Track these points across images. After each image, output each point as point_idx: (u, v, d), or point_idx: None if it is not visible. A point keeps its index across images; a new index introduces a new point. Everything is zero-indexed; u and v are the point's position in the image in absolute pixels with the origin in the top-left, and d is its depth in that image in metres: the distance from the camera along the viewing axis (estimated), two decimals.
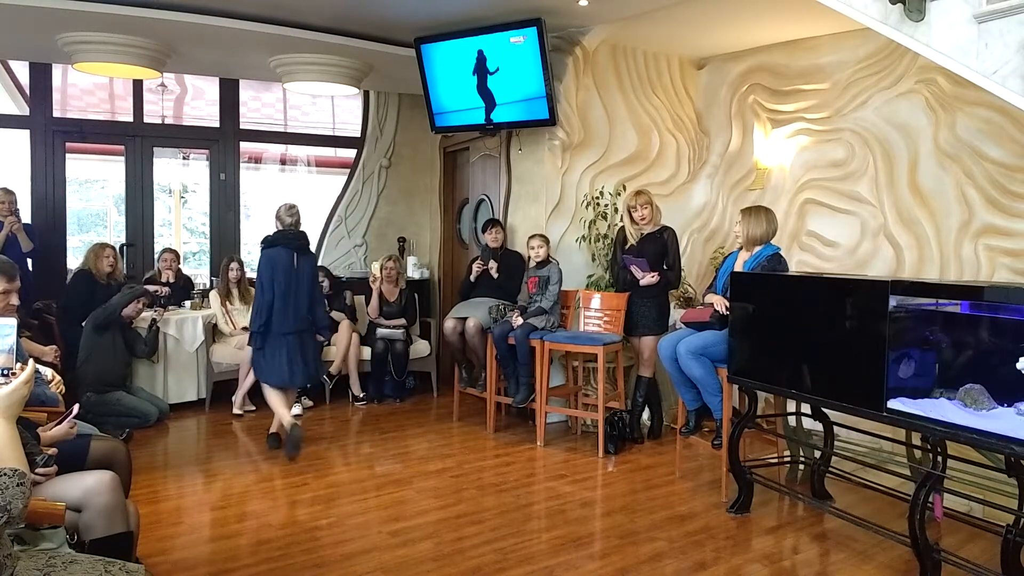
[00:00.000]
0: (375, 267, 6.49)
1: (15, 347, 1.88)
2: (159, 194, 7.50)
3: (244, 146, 7.44)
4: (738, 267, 4.36)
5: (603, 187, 5.87)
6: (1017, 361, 2.55)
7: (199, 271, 7.51)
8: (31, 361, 1.88)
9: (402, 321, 6.44)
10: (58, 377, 3.12)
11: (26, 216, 6.26)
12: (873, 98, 5.32)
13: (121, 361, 5.42)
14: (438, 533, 3.58)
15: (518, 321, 5.14)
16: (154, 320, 5.58)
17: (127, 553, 2.41)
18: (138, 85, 6.90)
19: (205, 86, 7.48)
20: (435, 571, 3.19)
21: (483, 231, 5.85)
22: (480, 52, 5.49)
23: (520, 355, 5.12)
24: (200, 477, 4.45)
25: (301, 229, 4.90)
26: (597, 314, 5.31)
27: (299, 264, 4.77)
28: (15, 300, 2.81)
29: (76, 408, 2.74)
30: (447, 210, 7.42)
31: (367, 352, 6.27)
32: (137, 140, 6.94)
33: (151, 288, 5.46)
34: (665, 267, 5.14)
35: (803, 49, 5.73)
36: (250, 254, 7.91)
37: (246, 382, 5.80)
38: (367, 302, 6.48)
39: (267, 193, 8.36)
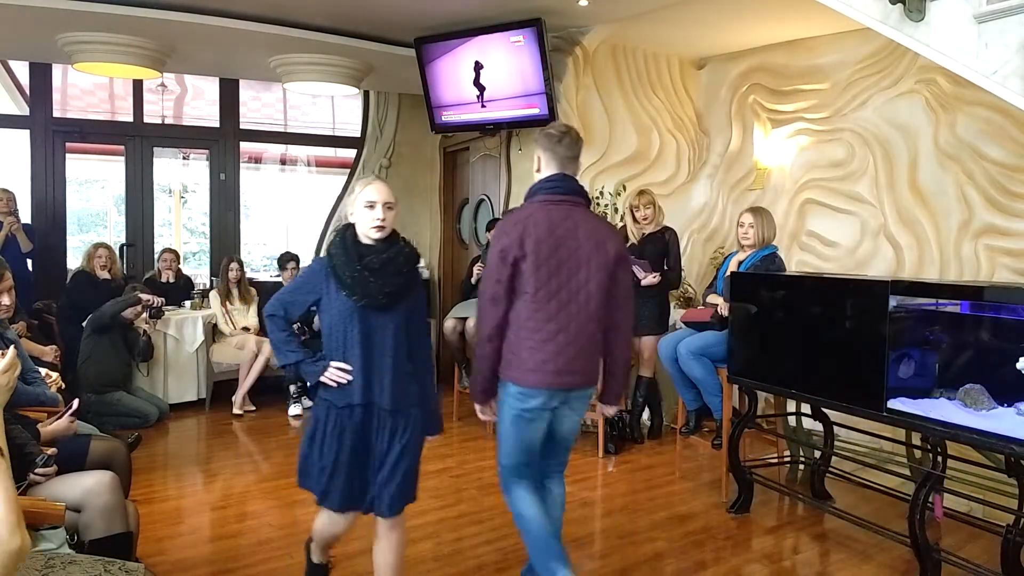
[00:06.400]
0: None
1: None
2: (159, 194, 7.50)
3: (244, 146, 7.43)
4: (733, 268, 4.37)
5: (603, 187, 5.87)
6: (1017, 361, 2.55)
7: (199, 271, 7.50)
8: (11, 348, 1.80)
9: None
10: (56, 375, 3.12)
11: (26, 216, 6.26)
12: (873, 98, 5.32)
13: (121, 362, 5.41)
14: (438, 533, 3.58)
15: None
16: (144, 331, 5.54)
17: (127, 553, 2.41)
18: (138, 85, 6.89)
19: (205, 86, 7.48)
20: (435, 571, 3.19)
21: (487, 231, 5.84)
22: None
23: None
24: (200, 477, 4.45)
25: (403, 249, 2.54)
26: None
27: (382, 322, 2.49)
28: (7, 300, 2.79)
29: (76, 403, 2.72)
30: (447, 210, 7.42)
31: None
32: (137, 140, 6.94)
33: (145, 297, 5.43)
34: (666, 268, 5.14)
35: (803, 49, 5.72)
36: (250, 254, 7.91)
37: (246, 382, 5.80)
38: None
39: (267, 193, 8.37)
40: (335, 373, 2.45)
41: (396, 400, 2.48)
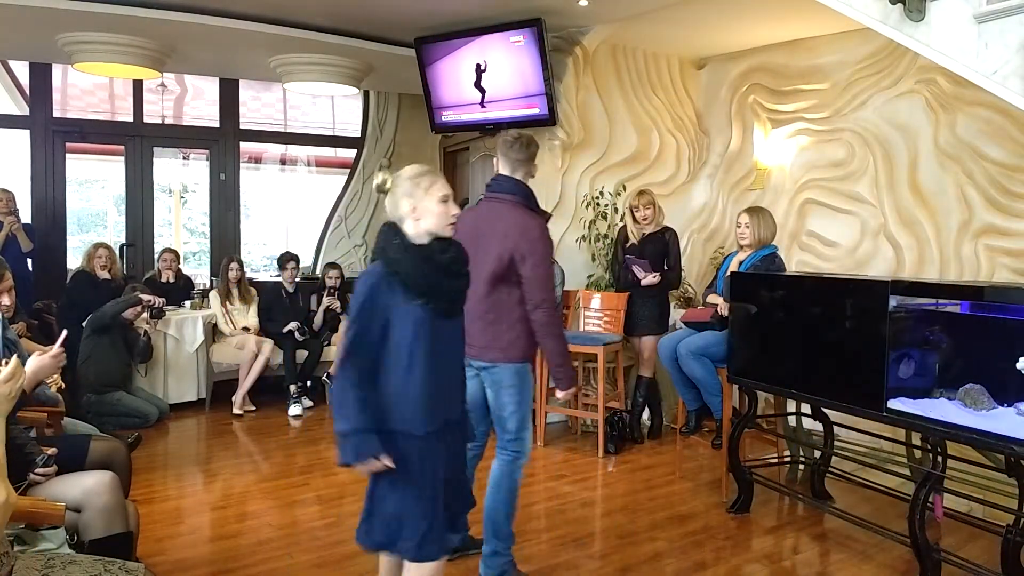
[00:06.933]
0: None
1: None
2: (159, 194, 7.50)
3: (244, 146, 7.44)
4: (733, 268, 4.37)
5: (603, 187, 5.87)
6: (1017, 361, 2.55)
7: (199, 271, 7.51)
8: (15, 358, 1.80)
9: None
10: (56, 375, 3.11)
11: (26, 216, 6.27)
12: (873, 98, 5.32)
13: (121, 362, 5.40)
14: None
15: None
16: (145, 331, 5.53)
17: (127, 553, 2.41)
18: (138, 85, 6.90)
19: (205, 86, 7.48)
20: None
21: None
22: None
23: None
24: (200, 477, 4.45)
25: (460, 247, 2.31)
26: (597, 314, 5.31)
27: (448, 328, 2.27)
28: (7, 300, 2.78)
29: (64, 334, 2.53)
30: None
31: None
32: (137, 140, 6.94)
33: (146, 297, 5.43)
34: (666, 268, 5.14)
35: (803, 49, 5.72)
36: (250, 254, 7.91)
37: (246, 382, 5.80)
38: None
39: (267, 193, 8.37)
40: (373, 468, 2.12)
41: (462, 410, 2.33)
